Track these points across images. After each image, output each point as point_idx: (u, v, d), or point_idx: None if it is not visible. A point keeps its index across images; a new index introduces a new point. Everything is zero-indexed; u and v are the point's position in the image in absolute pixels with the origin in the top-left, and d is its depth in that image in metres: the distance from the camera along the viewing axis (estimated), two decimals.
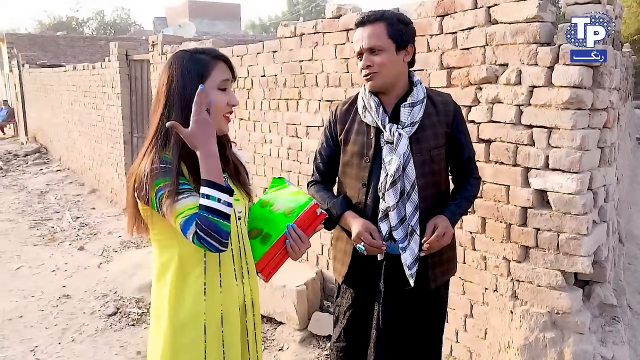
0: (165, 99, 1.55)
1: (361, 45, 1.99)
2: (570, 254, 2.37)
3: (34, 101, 14.22)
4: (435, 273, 2.07)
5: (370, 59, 1.97)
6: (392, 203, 1.95)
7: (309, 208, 1.66)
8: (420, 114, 1.99)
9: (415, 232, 1.96)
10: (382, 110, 2.00)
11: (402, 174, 1.95)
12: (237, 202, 1.66)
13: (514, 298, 2.60)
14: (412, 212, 1.96)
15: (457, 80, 2.75)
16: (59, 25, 37.25)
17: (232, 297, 1.63)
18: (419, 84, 2.04)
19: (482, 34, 2.59)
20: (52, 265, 5.53)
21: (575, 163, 2.30)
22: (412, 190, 1.95)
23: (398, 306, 2.06)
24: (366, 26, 1.99)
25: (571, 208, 2.34)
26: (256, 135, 4.56)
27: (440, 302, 2.17)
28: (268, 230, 1.68)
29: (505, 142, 2.55)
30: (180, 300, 1.57)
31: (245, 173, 1.78)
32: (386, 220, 1.98)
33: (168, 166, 1.48)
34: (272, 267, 1.68)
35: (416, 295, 2.05)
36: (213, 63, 1.58)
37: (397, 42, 1.97)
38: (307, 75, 3.87)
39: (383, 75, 1.97)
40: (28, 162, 12.30)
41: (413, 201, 1.96)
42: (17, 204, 8.42)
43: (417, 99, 2.00)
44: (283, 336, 3.63)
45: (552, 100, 2.34)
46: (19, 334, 3.99)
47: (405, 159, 1.94)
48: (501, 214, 2.60)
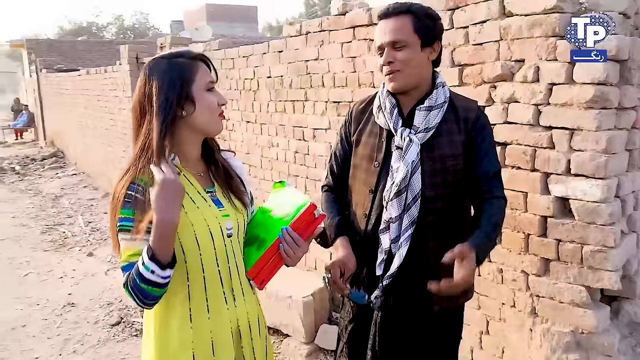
0: (148, 113, 1.43)
1: (383, 39, 1.79)
2: (596, 268, 2.16)
3: (51, 106, 14.34)
4: (441, 296, 1.70)
5: (393, 55, 1.77)
6: (395, 214, 1.77)
7: (305, 210, 1.52)
8: (437, 119, 1.79)
9: (402, 249, 1.76)
10: (396, 112, 1.82)
11: (407, 184, 1.77)
12: (226, 217, 1.52)
13: (533, 315, 2.39)
14: (406, 227, 1.77)
15: (469, 79, 2.55)
16: (79, 31, 37.70)
17: (222, 322, 1.49)
18: (441, 87, 1.83)
19: (496, 28, 2.39)
20: (60, 271, 5.45)
21: (600, 168, 2.09)
22: (413, 204, 1.77)
23: (396, 325, 1.87)
24: (390, 18, 1.79)
25: (596, 218, 2.13)
26: (263, 139, 4.40)
27: (449, 327, 1.94)
28: (264, 235, 1.56)
29: (523, 145, 2.34)
30: (165, 330, 1.46)
31: (239, 180, 1.64)
32: (387, 232, 1.80)
33: (138, 195, 1.38)
34: (266, 274, 1.54)
35: (418, 318, 1.86)
36: (195, 65, 1.47)
37: (424, 37, 1.77)
38: (313, 76, 3.70)
39: (406, 73, 1.78)
40: (45, 166, 12.36)
41: (411, 215, 1.77)
42: (31, 208, 8.42)
43: (436, 103, 1.79)
44: (289, 350, 3.46)
45: (574, 99, 2.13)
46: (20, 344, 3.90)
47: (413, 167, 1.77)
48: (519, 224, 2.39)
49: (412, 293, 1.81)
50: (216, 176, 1.56)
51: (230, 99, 4.86)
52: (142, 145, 1.42)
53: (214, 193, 1.53)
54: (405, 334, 1.88)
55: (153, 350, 1.48)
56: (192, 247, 1.44)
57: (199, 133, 1.50)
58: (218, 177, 1.56)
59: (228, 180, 1.58)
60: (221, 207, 1.52)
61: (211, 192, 1.52)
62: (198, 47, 5.39)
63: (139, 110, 1.45)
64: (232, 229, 1.53)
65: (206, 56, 1.53)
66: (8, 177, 11.28)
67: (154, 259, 1.31)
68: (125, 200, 1.38)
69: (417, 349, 1.89)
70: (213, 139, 1.59)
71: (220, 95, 1.51)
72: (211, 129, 1.51)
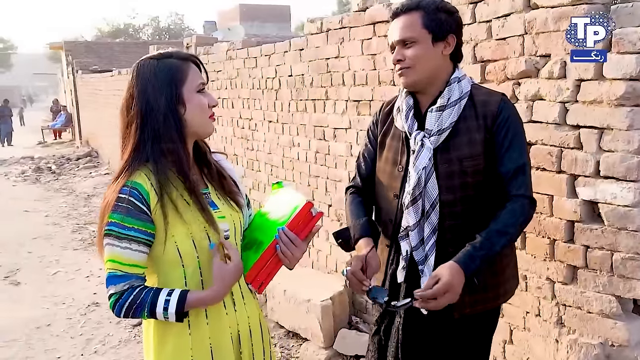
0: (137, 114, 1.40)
1: (393, 38, 1.76)
2: (627, 277, 2.01)
3: (86, 106, 14.68)
4: (463, 301, 1.65)
5: (402, 53, 1.73)
6: (412, 222, 1.74)
7: (302, 209, 1.48)
8: (452, 119, 1.71)
9: (429, 258, 1.72)
10: (411, 115, 1.77)
11: (423, 190, 1.70)
12: (222, 219, 1.49)
13: (559, 325, 2.25)
14: (428, 235, 1.72)
15: (492, 75, 2.43)
16: (117, 33, 38.48)
17: (221, 328, 1.47)
18: (455, 82, 1.74)
19: (520, 22, 2.26)
20: (87, 270, 5.53)
21: (632, 170, 1.94)
22: (432, 210, 1.71)
23: (417, 332, 1.80)
24: (400, 17, 1.76)
25: (628, 223, 1.98)
26: (285, 138, 4.35)
27: (474, 334, 1.84)
28: (262, 238, 1.52)
29: (548, 146, 2.21)
30: (163, 336, 1.45)
31: (232, 180, 1.61)
32: (407, 239, 1.77)
33: (130, 199, 1.35)
34: (264, 276, 1.49)
35: (439, 324, 1.78)
36: (186, 66, 1.44)
37: (434, 32, 1.71)
38: (333, 74, 3.61)
39: (417, 70, 1.72)
40: (79, 165, 12.65)
41: (431, 223, 1.72)
42: (64, 207, 8.60)
43: (450, 101, 1.72)
44: (307, 355, 3.39)
45: (604, 96, 1.99)
46: (44, 343, 3.95)
47: (427, 173, 1.71)
48: (544, 228, 2.26)
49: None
50: (209, 178, 1.54)
51: (253, 99, 4.82)
52: (133, 147, 1.39)
53: (208, 195, 1.50)
54: (427, 342, 1.81)
55: (152, 356, 1.47)
56: (189, 251, 1.42)
57: (190, 135, 1.46)
58: (212, 178, 1.54)
59: (222, 180, 1.55)
60: (216, 208, 1.49)
61: (205, 194, 1.49)
62: (222, 47, 5.38)
63: (126, 112, 1.42)
64: (229, 230, 1.50)
65: (196, 57, 1.51)
66: (44, 176, 11.58)
67: (179, 314, 1.35)
68: (116, 204, 1.35)
69: (441, 357, 1.82)
70: (204, 141, 1.56)
71: (211, 96, 1.49)
72: (202, 130, 1.47)
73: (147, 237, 1.37)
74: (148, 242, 1.38)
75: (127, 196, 1.35)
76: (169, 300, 1.33)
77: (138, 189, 1.35)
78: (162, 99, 1.38)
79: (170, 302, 1.33)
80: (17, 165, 13.22)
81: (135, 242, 1.35)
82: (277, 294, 3.67)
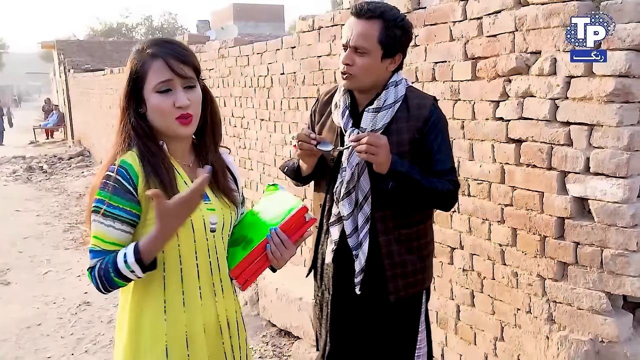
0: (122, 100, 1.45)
1: (348, 40, 1.82)
2: (617, 273, 2.01)
3: (78, 105, 14.60)
4: (397, 285, 1.89)
5: (352, 58, 1.83)
6: (346, 212, 1.88)
7: (296, 212, 1.49)
8: (385, 120, 1.85)
9: (364, 244, 1.87)
10: (348, 113, 1.90)
11: (356, 184, 1.86)
12: (211, 211, 1.48)
13: (550, 321, 2.26)
14: (362, 224, 1.87)
15: (483, 72, 2.43)
16: (109, 32, 38.28)
17: (196, 317, 1.46)
18: (392, 86, 1.87)
19: (511, 18, 2.26)
20: (78, 270, 5.47)
21: (621, 166, 1.95)
22: (365, 202, 1.87)
23: (347, 310, 1.96)
24: (360, 20, 1.81)
25: (617, 219, 1.99)
26: (277, 137, 4.34)
27: (408, 317, 1.96)
28: (252, 236, 1.53)
29: (539, 142, 2.21)
30: (139, 321, 1.44)
31: (233, 178, 1.61)
32: (337, 225, 1.92)
33: (118, 177, 1.36)
34: (250, 274, 1.50)
35: (372, 307, 1.93)
36: (149, 63, 1.40)
37: (386, 49, 1.82)
38: (325, 72, 3.61)
39: (360, 79, 1.84)
40: (71, 165, 12.56)
41: (364, 213, 1.87)
42: (55, 207, 8.54)
43: (386, 104, 1.85)
44: (299, 353, 3.38)
45: (594, 93, 1.99)
46: (34, 343, 3.91)
47: (360, 169, 1.86)
48: (534, 225, 2.26)
49: (368, 284, 1.89)
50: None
51: (245, 97, 4.81)
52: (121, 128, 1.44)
53: None
54: (357, 320, 1.94)
55: (125, 341, 1.45)
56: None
57: (162, 135, 1.45)
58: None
59: (219, 178, 1.53)
60: (207, 200, 1.48)
61: None
62: (214, 45, 5.36)
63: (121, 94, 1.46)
64: (217, 224, 1.50)
65: (169, 53, 1.39)
66: (36, 176, 11.49)
67: (139, 262, 1.30)
68: (104, 181, 1.37)
69: (371, 336, 1.95)
70: (212, 136, 1.54)
71: (179, 96, 1.39)
72: (170, 132, 1.43)
73: (131, 217, 1.37)
74: (132, 222, 1.38)
75: (115, 174, 1.36)
76: (125, 252, 1.32)
77: (127, 168, 1.37)
78: (132, 88, 1.42)
79: (127, 253, 1.32)
80: (9, 164, 13.10)
81: (119, 221, 1.35)
82: (269, 292, 3.66)
